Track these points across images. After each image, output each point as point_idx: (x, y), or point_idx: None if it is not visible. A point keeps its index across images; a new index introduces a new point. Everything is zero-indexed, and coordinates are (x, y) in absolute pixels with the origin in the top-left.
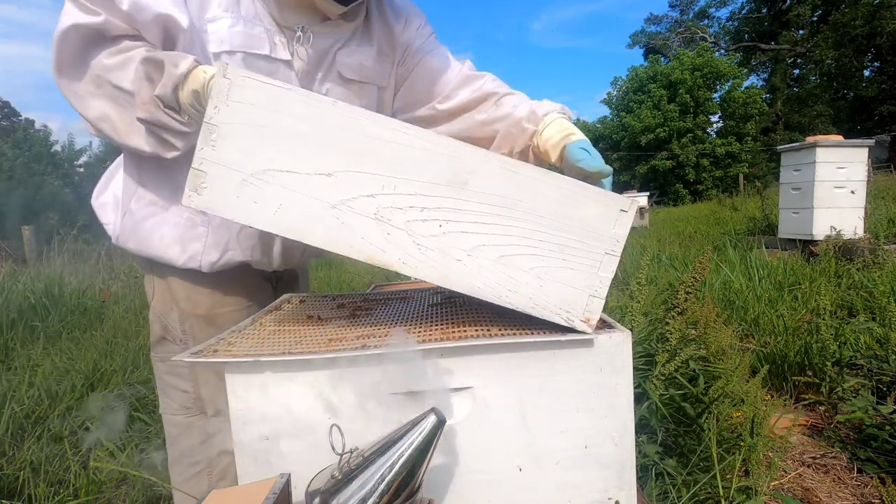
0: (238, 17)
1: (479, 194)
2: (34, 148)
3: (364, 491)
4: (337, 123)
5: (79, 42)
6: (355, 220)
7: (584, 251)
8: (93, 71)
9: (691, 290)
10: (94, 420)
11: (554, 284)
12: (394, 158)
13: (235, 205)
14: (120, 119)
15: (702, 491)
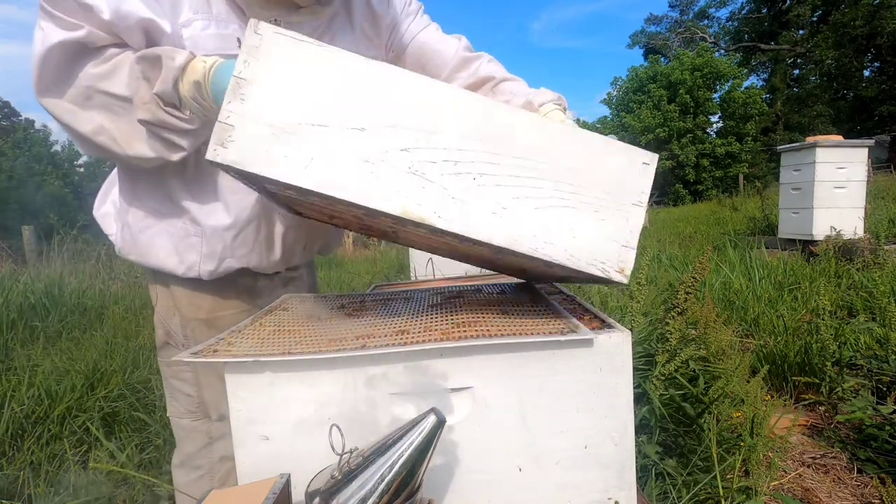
0: (210, 18)
1: (512, 149)
2: (34, 148)
3: (364, 491)
4: (370, 80)
5: (61, 58)
6: (389, 173)
7: (613, 203)
8: (80, 83)
9: (691, 290)
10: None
11: (586, 236)
12: (427, 114)
13: (264, 160)
14: (117, 128)
15: (702, 491)
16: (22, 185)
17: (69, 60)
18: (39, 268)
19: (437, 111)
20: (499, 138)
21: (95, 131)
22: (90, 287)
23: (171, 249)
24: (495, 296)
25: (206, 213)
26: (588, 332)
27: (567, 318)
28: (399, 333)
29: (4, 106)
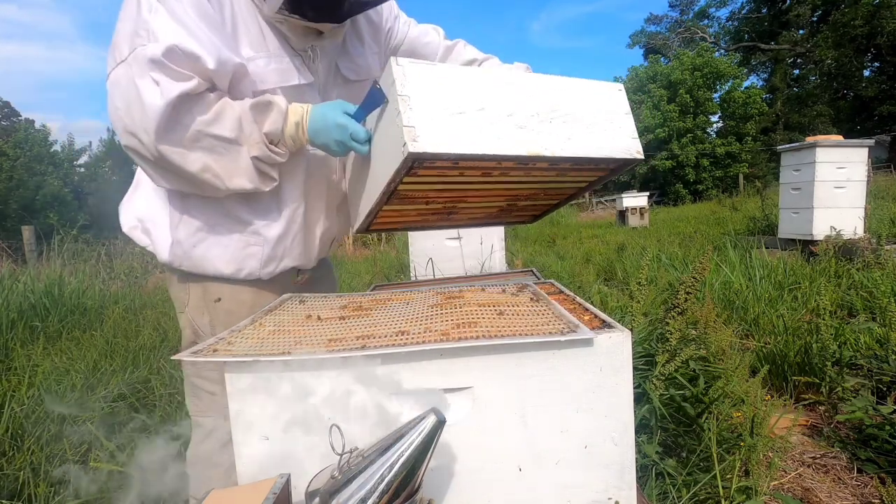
0: (269, 55)
1: (562, 102)
2: (34, 148)
3: (364, 491)
4: (471, 78)
5: (177, 107)
6: (513, 130)
7: (619, 118)
8: (191, 129)
9: (691, 290)
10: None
11: (616, 139)
12: (513, 92)
13: (444, 142)
14: (221, 166)
15: (702, 491)
16: (22, 185)
17: (180, 110)
18: (39, 268)
19: (523, 91)
20: (557, 98)
21: (202, 169)
22: (90, 287)
23: (229, 258)
24: (495, 296)
25: (265, 224)
26: (588, 332)
27: (567, 318)
28: (399, 334)
29: (4, 106)
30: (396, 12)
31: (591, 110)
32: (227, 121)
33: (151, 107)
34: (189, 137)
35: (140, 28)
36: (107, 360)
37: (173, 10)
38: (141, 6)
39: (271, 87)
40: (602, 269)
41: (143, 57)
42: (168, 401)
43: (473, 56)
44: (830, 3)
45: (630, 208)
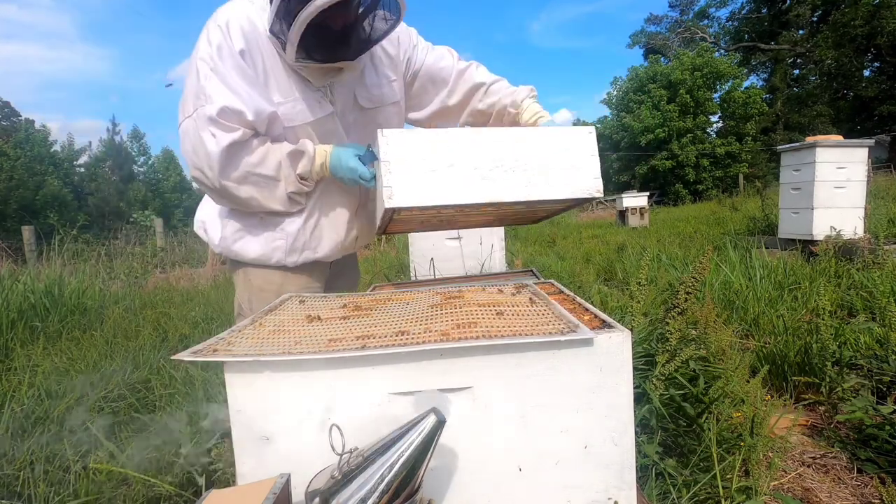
0: (294, 98)
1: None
2: (34, 148)
3: (364, 491)
4: (441, 138)
5: (228, 152)
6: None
7: (584, 159)
8: (241, 169)
9: (691, 290)
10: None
11: (577, 180)
12: (479, 148)
13: (411, 198)
14: (262, 196)
15: (702, 491)
16: (22, 186)
17: (232, 153)
18: (39, 268)
19: (485, 144)
20: (519, 149)
21: (249, 198)
22: (90, 287)
23: (260, 249)
24: (495, 296)
25: (287, 223)
26: (588, 332)
27: (567, 318)
28: (399, 334)
29: (4, 106)
30: (415, 41)
31: (555, 156)
32: (269, 164)
33: (212, 152)
34: (240, 175)
35: (200, 92)
36: (107, 360)
37: (222, 76)
38: (200, 73)
39: (299, 124)
40: (602, 269)
41: (203, 115)
42: (168, 401)
43: (483, 79)
44: (830, 3)
45: (630, 208)
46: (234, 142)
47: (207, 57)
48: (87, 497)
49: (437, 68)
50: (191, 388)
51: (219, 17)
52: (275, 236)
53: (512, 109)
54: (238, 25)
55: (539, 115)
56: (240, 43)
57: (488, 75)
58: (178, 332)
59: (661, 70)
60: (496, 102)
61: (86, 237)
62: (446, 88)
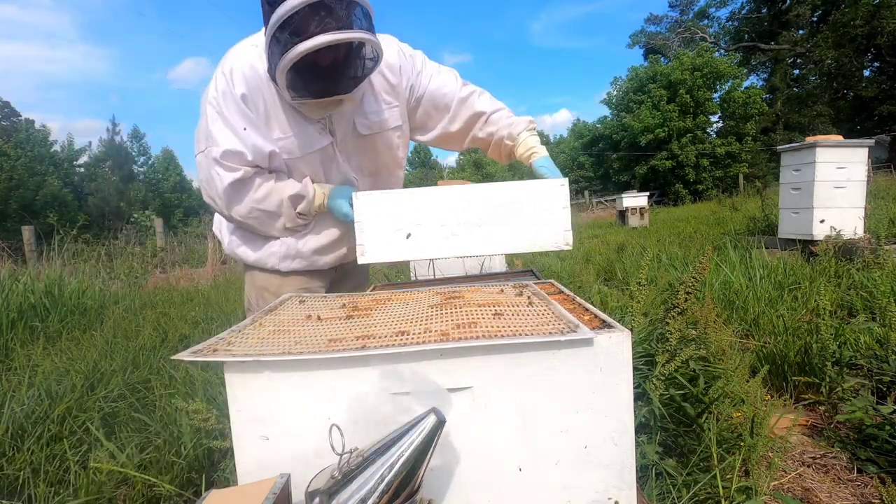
0: (294, 133)
1: (496, 204)
2: (35, 148)
3: (364, 491)
4: (416, 200)
5: (232, 189)
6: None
7: (555, 211)
8: (246, 204)
9: (691, 290)
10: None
11: (545, 233)
12: (447, 207)
13: (381, 255)
14: (264, 227)
15: (702, 491)
16: (22, 186)
17: (236, 190)
18: (39, 268)
19: (446, 203)
20: (487, 205)
21: (253, 227)
22: (90, 287)
23: (258, 256)
24: (495, 296)
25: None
26: (588, 332)
27: (567, 318)
28: (399, 334)
29: (4, 106)
30: (419, 68)
31: (525, 210)
32: (272, 201)
33: (218, 188)
34: (245, 209)
35: (208, 134)
36: (107, 360)
37: (226, 119)
38: (208, 116)
39: (299, 156)
40: (602, 269)
41: (210, 156)
42: (168, 401)
43: (483, 108)
44: (830, 3)
45: (630, 208)
46: (237, 180)
47: (214, 101)
48: (87, 497)
49: (439, 94)
50: (191, 388)
51: (224, 65)
52: (271, 243)
53: (508, 142)
54: (240, 72)
55: (533, 151)
56: (241, 88)
57: (490, 104)
58: (178, 332)
59: (661, 70)
60: (495, 132)
61: (86, 237)
62: (448, 115)
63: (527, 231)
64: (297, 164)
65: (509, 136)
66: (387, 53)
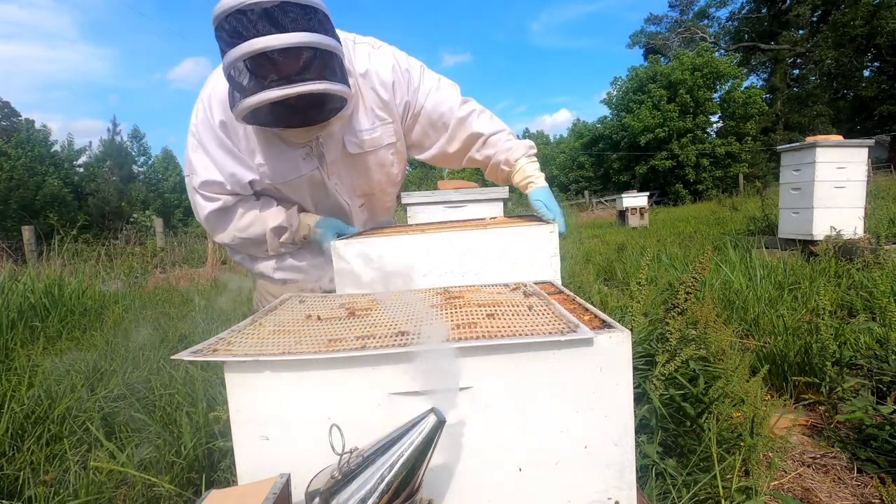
0: (277, 159)
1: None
2: (35, 148)
3: (364, 491)
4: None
5: (215, 217)
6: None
7: (545, 258)
8: (230, 231)
9: (691, 290)
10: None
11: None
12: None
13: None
14: (247, 249)
15: (702, 491)
16: (22, 186)
17: (218, 218)
18: (39, 268)
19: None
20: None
21: (236, 250)
22: (90, 287)
23: (255, 264)
24: (495, 296)
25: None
26: (588, 332)
27: (567, 318)
28: (399, 334)
29: (4, 106)
30: (416, 84)
31: (512, 258)
32: (254, 231)
33: (200, 216)
34: (227, 236)
35: (188, 162)
36: (107, 360)
37: (206, 149)
38: (189, 145)
39: (282, 182)
40: (602, 269)
41: (191, 184)
42: (168, 401)
43: (482, 130)
44: (830, 3)
45: (630, 208)
46: (218, 209)
47: (194, 130)
48: (87, 497)
49: (437, 114)
50: (191, 387)
51: (204, 92)
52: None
53: (505, 167)
54: (218, 98)
55: (530, 181)
56: (219, 115)
57: (489, 125)
58: (178, 332)
59: (661, 70)
60: (492, 156)
61: (86, 237)
62: (446, 134)
63: (522, 274)
64: (283, 191)
65: (507, 161)
66: (380, 68)
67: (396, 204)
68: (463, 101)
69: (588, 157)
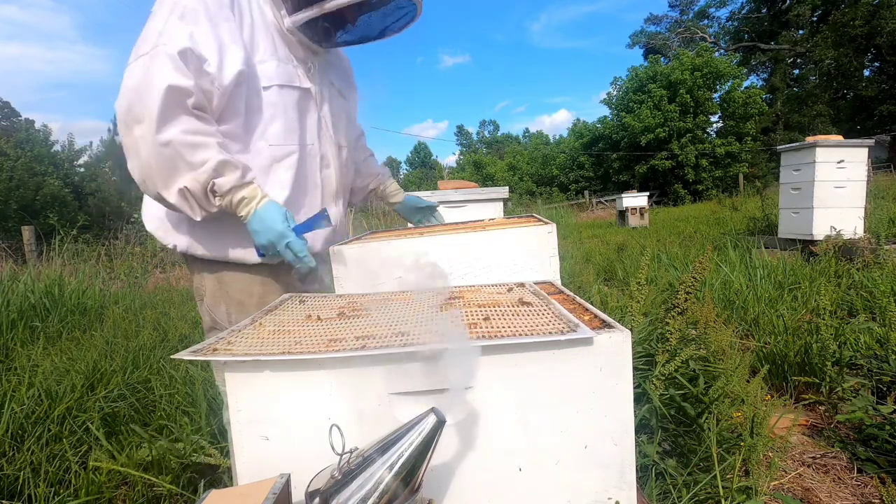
0: (278, 59)
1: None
2: (35, 148)
3: (364, 491)
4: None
5: (174, 93)
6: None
7: (545, 257)
8: (174, 128)
9: (691, 290)
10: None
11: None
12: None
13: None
14: (164, 170)
15: (702, 491)
16: (22, 186)
17: (175, 99)
18: (39, 268)
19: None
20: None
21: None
22: (90, 287)
23: (244, 242)
24: (495, 296)
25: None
26: (588, 331)
27: (567, 318)
28: (399, 334)
29: (4, 106)
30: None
31: (510, 259)
32: (199, 146)
33: (155, 92)
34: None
35: (165, 31)
36: (107, 360)
37: (203, 17)
38: (169, 11)
39: (276, 84)
40: (602, 269)
41: (161, 52)
42: (168, 401)
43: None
44: (830, 3)
45: (630, 208)
46: (181, 87)
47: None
48: (87, 497)
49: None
50: (191, 387)
51: None
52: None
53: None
54: None
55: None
56: None
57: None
58: (179, 332)
59: (661, 70)
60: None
61: (86, 237)
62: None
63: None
64: (269, 103)
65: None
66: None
67: None
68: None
69: (588, 157)
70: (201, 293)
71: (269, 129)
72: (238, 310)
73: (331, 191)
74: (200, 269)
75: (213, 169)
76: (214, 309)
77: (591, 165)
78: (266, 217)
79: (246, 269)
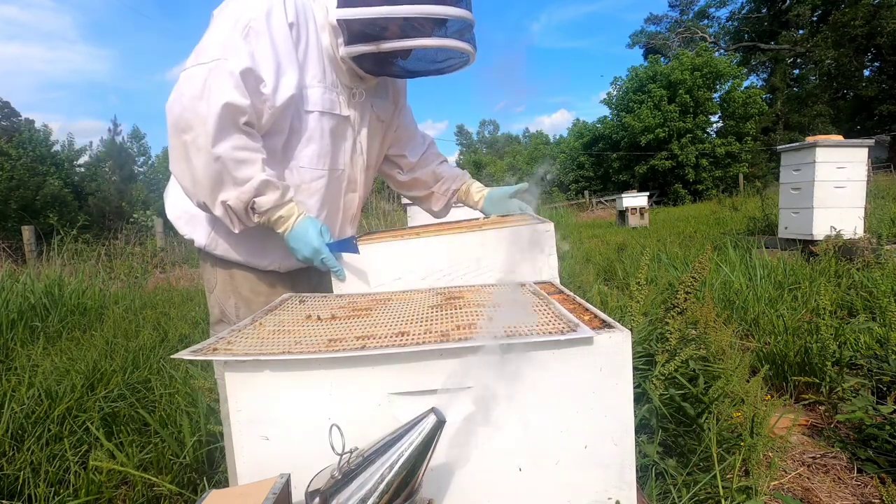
0: (325, 85)
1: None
2: (36, 148)
3: (364, 491)
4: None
5: (230, 112)
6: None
7: (540, 255)
8: (226, 144)
9: (691, 290)
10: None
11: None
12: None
13: None
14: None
15: (702, 491)
16: (22, 186)
17: (231, 116)
18: (39, 268)
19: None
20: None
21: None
22: (90, 287)
23: (259, 251)
24: (495, 296)
25: None
26: (588, 331)
27: (567, 317)
28: (399, 334)
29: (4, 106)
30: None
31: (509, 258)
32: (244, 163)
33: (214, 105)
34: (223, 147)
35: (231, 45)
36: (107, 360)
37: (265, 39)
38: (233, 27)
39: (318, 110)
40: (602, 269)
41: (223, 67)
42: (168, 401)
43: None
44: (830, 3)
45: (630, 208)
46: (238, 105)
47: (256, 15)
48: (87, 497)
49: (408, 130)
50: (191, 387)
51: None
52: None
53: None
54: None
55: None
56: (291, 15)
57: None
58: (179, 332)
59: (661, 70)
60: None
61: (86, 237)
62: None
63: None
64: (308, 127)
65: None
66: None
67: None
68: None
69: (588, 157)
70: (212, 285)
71: (304, 151)
72: (245, 305)
73: (351, 214)
74: (214, 264)
75: (255, 188)
76: (224, 301)
77: (591, 165)
78: (301, 235)
79: (256, 272)
